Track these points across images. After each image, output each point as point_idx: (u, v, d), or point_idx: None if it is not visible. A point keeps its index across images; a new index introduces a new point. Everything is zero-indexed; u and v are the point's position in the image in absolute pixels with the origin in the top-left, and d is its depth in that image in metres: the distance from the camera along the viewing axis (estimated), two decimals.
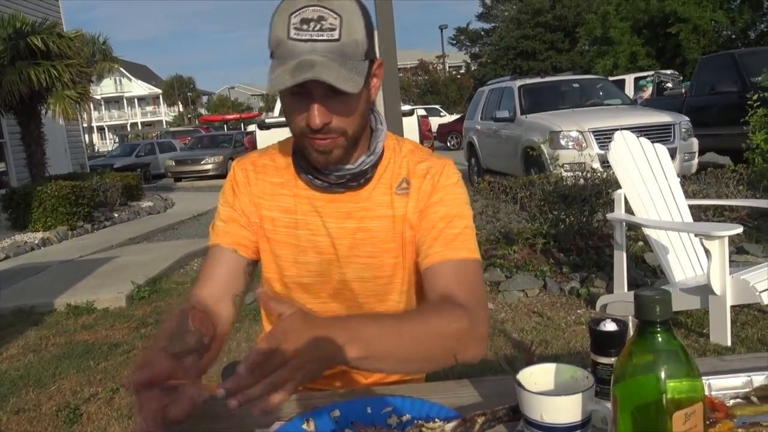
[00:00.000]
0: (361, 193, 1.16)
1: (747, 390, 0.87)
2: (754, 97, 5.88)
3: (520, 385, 0.76)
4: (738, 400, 0.85)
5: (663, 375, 0.62)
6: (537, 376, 0.80)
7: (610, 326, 0.82)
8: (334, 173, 1.12)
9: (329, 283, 1.19)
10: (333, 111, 1.02)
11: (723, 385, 0.88)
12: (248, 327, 3.98)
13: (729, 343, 3.00)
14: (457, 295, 1.05)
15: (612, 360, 0.81)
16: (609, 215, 3.62)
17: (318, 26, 0.97)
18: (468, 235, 1.14)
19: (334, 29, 0.98)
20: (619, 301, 3.47)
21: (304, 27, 0.97)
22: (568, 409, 0.73)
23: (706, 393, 0.86)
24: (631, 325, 0.79)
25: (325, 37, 0.97)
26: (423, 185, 1.16)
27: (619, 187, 3.51)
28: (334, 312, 1.19)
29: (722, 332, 3.02)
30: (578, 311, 3.82)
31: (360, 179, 1.14)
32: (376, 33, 1.08)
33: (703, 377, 0.86)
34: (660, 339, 0.63)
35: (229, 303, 1.17)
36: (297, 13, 0.98)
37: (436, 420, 0.87)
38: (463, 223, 1.14)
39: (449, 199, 1.16)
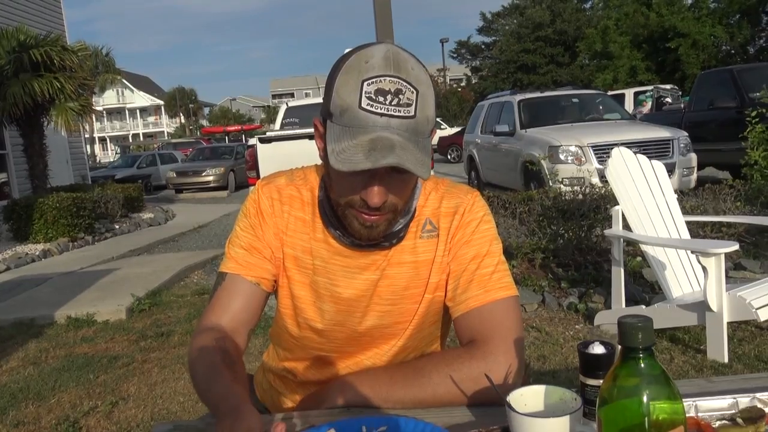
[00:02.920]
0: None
1: (732, 412, 0.89)
2: (753, 114, 5.91)
3: (509, 406, 0.78)
4: (724, 421, 0.87)
5: (645, 399, 0.64)
6: (527, 398, 0.82)
7: (598, 349, 0.84)
8: None
9: (345, 331, 1.14)
10: (391, 189, 0.97)
11: (709, 407, 0.90)
12: None
13: (726, 360, 3.02)
14: (484, 337, 1.05)
15: (600, 382, 0.83)
16: (606, 231, 3.65)
17: (395, 100, 0.90)
18: (501, 271, 1.10)
19: (410, 105, 0.91)
20: (613, 323, 3.49)
21: (380, 99, 0.90)
22: (556, 430, 0.75)
23: (693, 414, 0.88)
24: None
25: (401, 114, 0.91)
26: (452, 225, 1.11)
27: (617, 203, 3.54)
28: (347, 353, 1.17)
29: (719, 348, 3.03)
30: (576, 326, 3.84)
31: (392, 239, 1.08)
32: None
33: (690, 399, 0.89)
34: (642, 364, 0.65)
35: (245, 336, 1.12)
36: (372, 81, 0.90)
37: None
38: (494, 261, 1.10)
39: (477, 238, 1.11)
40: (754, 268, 4.32)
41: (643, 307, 3.46)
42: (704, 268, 2.96)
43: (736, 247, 3.02)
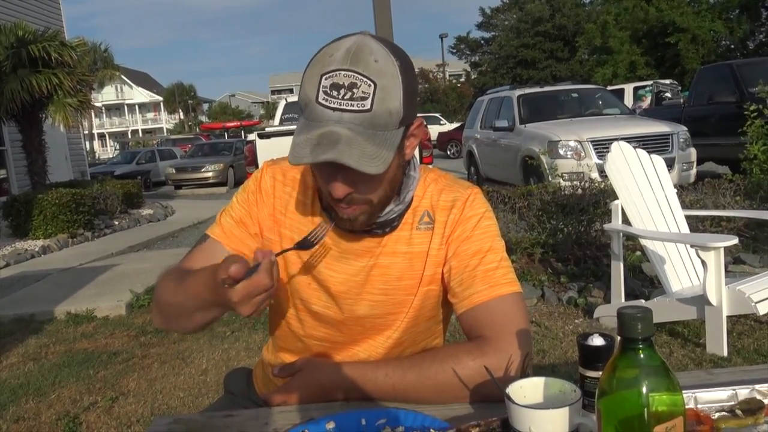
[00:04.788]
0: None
1: (732, 403, 0.89)
2: (752, 108, 5.90)
3: (509, 398, 0.78)
4: (723, 413, 0.87)
5: (645, 390, 0.64)
6: (526, 390, 0.82)
7: (597, 341, 0.84)
8: None
9: (337, 316, 1.14)
10: (357, 182, 0.97)
11: (709, 398, 0.90)
12: (247, 336, 4.00)
13: (725, 354, 3.02)
14: (494, 333, 1.04)
15: (599, 374, 0.83)
16: (606, 226, 3.65)
17: (348, 94, 0.90)
18: (505, 267, 1.09)
19: (365, 98, 0.91)
20: (612, 315, 3.49)
21: (334, 93, 0.91)
22: (555, 421, 0.75)
23: (692, 406, 0.88)
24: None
25: (354, 107, 0.91)
26: (449, 219, 1.11)
27: (617, 197, 3.54)
28: (341, 344, 1.17)
29: (718, 342, 3.04)
30: (576, 321, 3.84)
31: (385, 227, 1.09)
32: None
33: (689, 390, 0.89)
34: (642, 355, 0.65)
35: None
36: (329, 75, 0.91)
37: (431, 431, 0.89)
38: (497, 257, 1.09)
39: (478, 234, 1.10)
40: (754, 263, 4.33)
41: (643, 301, 3.46)
42: (704, 263, 2.96)
43: (735, 241, 3.02)
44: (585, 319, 3.84)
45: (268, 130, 7.72)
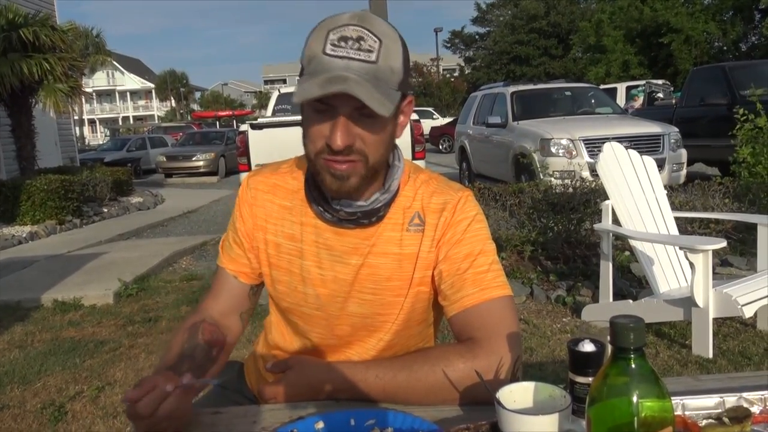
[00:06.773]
0: (370, 228, 1.10)
1: (719, 411, 0.89)
2: (741, 111, 5.92)
3: (499, 402, 0.78)
4: (710, 420, 0.88)
5: (635, 399, 0.64)
6: (516, 394, 0.82)
7: (588, 347, 0.84)
8: (344, 209, 1.06)
9: (326, 317, 1.15)
10: (357, 133, 0.98)
11: (696, 405, 0.90)
12: None
13: (711, 355, 3.05)
14: (485, 335, 1.03)
15: (589, 380, 0.83)
16: (596, 226, 3.66)
17: (356, 45, 0.94)
18: (495, 270, 1.09)
19: (372, 51, 0.94)
20: (602, 320, 3.53)
21: (342, 44, 0.94)
22: (545, 427, 0.75)
23: (680, 413, 0.89)
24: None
25: (361, 57, 0.94)
26: (439, 221, 1.11)
27: (608, 197, 3.55)
28: (332, 346, 1.17)
29: (704, 344, 3.07)
30: (564, 319, 3.86)
31: (371, 217, 1.08)
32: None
33: (677, 397, 0.89)
34: (633, 365, 0.65)
35: (237, 318, 1.19)
36: (337, 30, 0.95)
37: None
38: (488, 260, 1.10)
39: (469, 237, 1.10)
40: (741, 265, 4.36)
41: (630, 301, 3.48)
42: (692, 265, 2.98)
43: (723, 244, 3.04)
44: (573, 318, 3.86)
45: (260, 120, 7.65)
